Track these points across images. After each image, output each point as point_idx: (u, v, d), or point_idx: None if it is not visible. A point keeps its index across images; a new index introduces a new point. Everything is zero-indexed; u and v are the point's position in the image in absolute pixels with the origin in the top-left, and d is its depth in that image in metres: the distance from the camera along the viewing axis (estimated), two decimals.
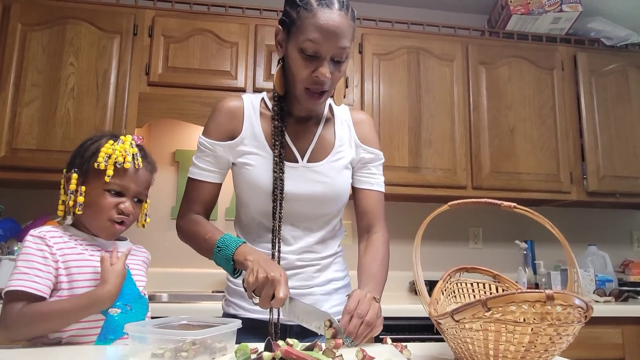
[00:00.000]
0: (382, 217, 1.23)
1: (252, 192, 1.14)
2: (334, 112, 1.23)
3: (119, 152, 1.05)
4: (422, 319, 1.93)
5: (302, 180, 1.13)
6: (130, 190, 1.07)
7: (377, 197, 1.23)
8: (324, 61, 1.03)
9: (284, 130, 1.14)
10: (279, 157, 1.11)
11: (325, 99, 1.10)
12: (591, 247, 2.68)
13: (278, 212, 1.10)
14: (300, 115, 1.17)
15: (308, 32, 1.01)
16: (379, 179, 1.25)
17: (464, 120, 2.55)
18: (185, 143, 2.64)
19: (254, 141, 1.14)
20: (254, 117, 1.16)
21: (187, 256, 2.39)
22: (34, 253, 0.98)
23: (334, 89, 1.10)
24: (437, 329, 0.76)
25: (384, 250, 1.17)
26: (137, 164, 1.07)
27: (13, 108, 2.19)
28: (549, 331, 0.56)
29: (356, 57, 2.51)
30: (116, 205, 1.05)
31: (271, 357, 0.73)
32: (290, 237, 1.14)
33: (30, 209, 2.37)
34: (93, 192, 1.05)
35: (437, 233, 2.74)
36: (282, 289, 0.92)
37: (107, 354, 0.87)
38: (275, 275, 0.93)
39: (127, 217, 1.07)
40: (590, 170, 2.59)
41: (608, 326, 2.12)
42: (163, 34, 2.36)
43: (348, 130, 1.22)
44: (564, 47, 2.73)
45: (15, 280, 0.95)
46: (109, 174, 1.03)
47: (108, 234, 1.07)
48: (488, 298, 0.55)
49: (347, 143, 1.20)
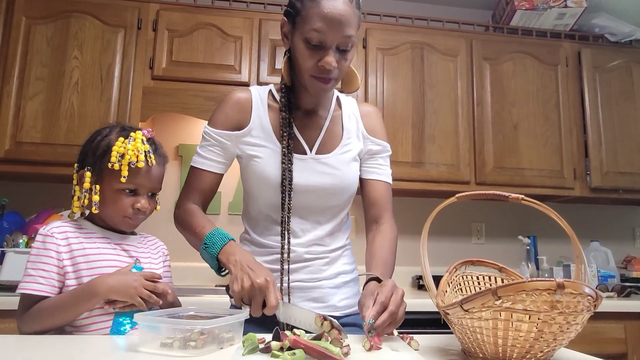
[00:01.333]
0: (390, 209, 1.22)
1: (261, 184, 1.13)
2: (341, 105, 1.23)
3: (132, 151, 1.04)
4: (426, 314, 1.94)
5: (311, 172, 1.13)
6: (145, 187, 1.08)
7: (385, 188, 1.23)
8: (329, 50, 1.02)
9: (292, 122, 1.14)
10: (287, 149, 1.10)
11: (333, 86, 1.09)
12: (594, 243, 2.68)
13: (287, 204, 1.10)
14: (307, 107, 1.17)
15: (313, 22, 1.01)
16: (387, 171, 1.24)
17: (468, 115, 2.55)
18: (189, 137, 2.64)
19: (262, 133, 1.14)
20: (261, 109, 1.16)
21: (190, 250, 2.36)
22: (39, 253, 1.00)
23: (340, 77, 1.10)
24: (445, 319, 0.76)
25: (392, 239, 1.17)
26: (151, 162, 1.07)
27: (17, 101, 2.20)
28: (558, 320, 0.56)
29: (360, 52, 2.51)
30: (132, 204, 1.06)
31: (279, 347, 0.73)
32: (298, 230, 1.13)
33: (34, 202, 2.38)
34: (108, 191, 1.06)
35: (440, 228, 2.75)
36: (272, 295, 0.88)
37: (117, 344, 0.87)
38: (261, 282, 0.89)
39: (143, 214, 1.08)
40: (594, 166, 2.59)
41: (611, 321, 2.13)
42: (167, 28, 2.36)
43: (356, 122, 1.22)
44: (568, 43, 2.73)
45: (23, 282, 0.99)
46: (124, 174, 1.03)
47: (126, 226, 1.10)
48: (498, 287, 0.55)
49: (354, 135, 1.20)
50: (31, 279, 0.98)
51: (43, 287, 0.98)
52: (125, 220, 1.08)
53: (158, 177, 1.11)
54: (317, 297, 1.13)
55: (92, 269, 1.01)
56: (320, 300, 1.13)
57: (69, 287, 1.00)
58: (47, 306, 0.97)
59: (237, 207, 2.55)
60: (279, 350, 0.72)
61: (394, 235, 1.18)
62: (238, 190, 2.61)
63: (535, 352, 0.62)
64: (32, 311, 0.98)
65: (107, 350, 0.82)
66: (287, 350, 0.71)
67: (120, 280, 0.98)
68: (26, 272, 1.00)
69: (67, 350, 0.80)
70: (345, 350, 0.73)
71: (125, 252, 1.09)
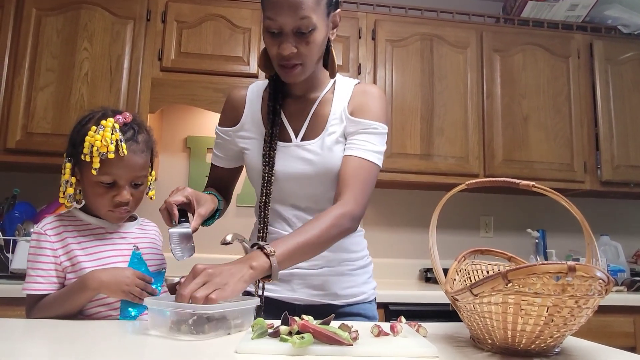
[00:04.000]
0: (352, 185, 1.05)
1: (251, 175, 1.18)
2: (336, 88, 1.17)
3: (100, 141, 0.97)
4: (433, 305, 1.94)
5: (293, 159, 1.12)
6: (123, 178, 1.01)
7: (353, 163, 1.07)
8: (286, 36, 1.02)
9: (279, 110, 1.14)
10: (270, 137, 1.12)
11: (302, 72, 1.06)
12: (604, 237, 2.66)
13: (266, 189, 1.11)
14: (297, 93, 1.17)
15: (267, 10, 1.02)
16: (362, 146, 1.09)
17: (477, 108, 2.53)
18: (197, 129, 2.64)
19: (253, 126, 1.17)
20: (255, 104, 1.18)
21: (199, 241, 2.37)
22: (35, 252, 1.01)
23: (309, 61, 1.06)
24: (453, 306, 0.76)
25: (323, 218, 0.99)
26: (122, 151, 0.98)
27: (28, 92, 2.22)
28: (569, 303, 0.56)
29: (369, 44, 2.50)
30: (112, 197, 1.01)
31: (288, 331, 0.73)
32: (292, 217, 1.14)
33: (45, 192, 2.39)
34: (87, 184, 1.02)
35: (448, 222, 2.73)
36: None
37: (125, 328, 0.88)
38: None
39: (126, 206, 1.03)
40: (605, 160, 2.56)
41: (620, 315, 2.11)
42: (176, 20, 2.36)
43: (344, 103, 1.15)
44: (580, 34, 2.69)
45: (25, 283, 1.01)
46: (95, 167, 0.97)
47: (113, 219, 1.06)
48: (508, 270, 0.55)
49: (339, 117, 1.13)
50: (31, 279, 1.00)
51: (43, 286, 1.00)
52: (109, 213, 1.04)
53: (138, 166, 1.03)
54: (317, 284, 1.13)
55: (91, 261, 1.02)
56: (320, 288, 1.13)
57: (71, 281, 1.01)
58: (48, 302, 0.99)
59: (244, 199, 2.55)
60: (288, 335, 0.72)
61: (331, 216, 1.00)
62: (246, 182, 2.61)
63: (545, 337, 0.61)
64: (36, 308, 1.00)
65: (117, 332, 0.83)
66: (296, 334, 0.71)
67: (114, 275, 0.98)
68: (27, 273, 1.01)
69: (76, 333, 0.81)
70: (353, 335, 0.73)
71: (123, 239, 1.08)
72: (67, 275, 1.02)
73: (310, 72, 1.09)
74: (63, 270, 1.01)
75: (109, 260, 1.03)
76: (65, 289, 1.00)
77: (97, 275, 0.97)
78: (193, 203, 1.02)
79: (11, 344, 0.72)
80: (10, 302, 1.75)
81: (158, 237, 1.18)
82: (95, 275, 0.97)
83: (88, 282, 0.97)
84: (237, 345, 0.70)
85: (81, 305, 0.99)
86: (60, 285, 1.01)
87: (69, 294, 0.98)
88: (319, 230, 0.97)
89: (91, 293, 0.97)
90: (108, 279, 0.97)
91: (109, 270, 0.99)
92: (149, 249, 1.11)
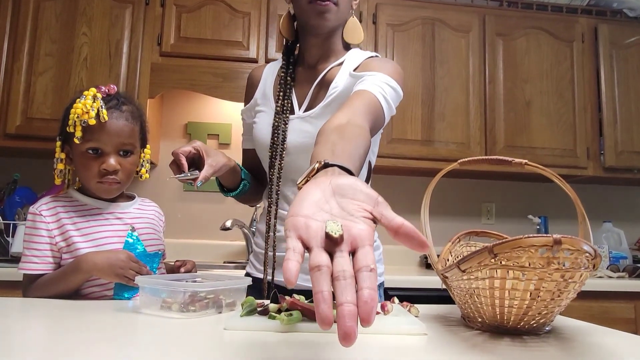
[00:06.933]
0: (350, 106, 0.85)
1: (258, 148, 1.15)
2: (345, 60, 1.11)
3: (81, 109, 0.99)
4: (432, 290, 1.93)
5: (295, 132, 1.08)
6: (108, 145, 1.02)
7: (355, 94, 0.91)
8: None
9: (289, 81, 1.12)
10: (281, 108, 1.09)
11: (335, 12, 1.03)
12: (606, 224, 2.64)
13: (277, 163, 1.07)
14: (311, 61, 1.14)
15: None
16: (365, 82, 0.94)
17: (479, 93, 2.51)
18: (197, 115, 2.64)
19: (264, 99, 1.16)
20: (269, 79, 1.17)
21: (199, 227, 2.41)
22: (31, 233, 1.02)
23: (341, 4, 1.04)
24: (444, 284, 0.76)
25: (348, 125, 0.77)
26: (102, 117, 1.00)
27: (27, 77, 2.21)
28: (555, 277, 0.55)
29: (370, 28, 2.47)
30: (99, 166, 1.02)
31: (277, 309, 0.73)
32: (290, 194, 1.09)
33: (45, 177, 2.38)
34: (76, 157, 1.04)
35: (449, 209, 2.72)
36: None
37: (117, 307, 0.88)
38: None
39: (114, 175, 1.04)
40: (608, 146, 2.54)
41: (621, 301, 2.10)
42: (175, 4, 2.34)
43: (350, 70, 1.08)
44: (584, 18, 2.65)
45: (21, 262, 1.02)
46: (78, 135, 1.00)
47: (104, 193, 1.06)
48: (494, 244, 0.54)
49: (342, 83, 1.06)
50: (27, 259, 1.01)
51: (38, 266, 1.01)
52: (99, 185, 1.04)
53: (123, 133, 1.04)
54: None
55: (87, 242, 1.02)
56: None
57: (67, 261, 1.01)
58: (43, 282, 1.00)
59: None
60: (277, 312, 0.72)
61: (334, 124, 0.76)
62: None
63: (533, 313, 0.61)
64: (32, 288, 1.01)
65: (109, 311, 0.83)
66: (285, 312, 0.71)
67: (108, 259, 0.97)
68: (23, 252, 1.02)
69: (69, 311, 0.82)
70: None
71: (119, 219, 1.08)
72: (63, 256, 1.02)
73: (342, 19, 1.08)
74: (59, 251, 1.02)
75: (104, 241, 1.04)
76: (59, 270, 1.01)
77: (91, 258, 0.97)
78: (202, 154, 1.00)
79: (6, 321, 0.73)
80: (10, 286, 1.77)
81: (158, 217, 1.18)
82: (89, 258, 0.98)
83: (81, 265, 0.97)
84: (225, 322, 0.70)
85: (75, 286, 0.99)
86: (56, 266, 1.02)
87: (63, 276, 0.99)
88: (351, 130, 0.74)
89: (85, 275, 0.98)
90: (102, 262, 0.97)
91: (103, 253, 0.99)
92: (146, 229, 1.11)
